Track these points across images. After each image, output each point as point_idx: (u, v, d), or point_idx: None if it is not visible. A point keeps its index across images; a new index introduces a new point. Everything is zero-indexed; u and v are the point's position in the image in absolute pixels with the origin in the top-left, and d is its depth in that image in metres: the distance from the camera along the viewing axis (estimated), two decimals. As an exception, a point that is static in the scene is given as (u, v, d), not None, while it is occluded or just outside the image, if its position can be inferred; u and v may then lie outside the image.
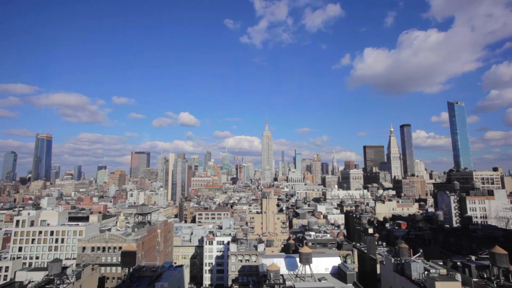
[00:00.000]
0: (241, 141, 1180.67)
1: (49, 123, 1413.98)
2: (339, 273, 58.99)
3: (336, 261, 62.03)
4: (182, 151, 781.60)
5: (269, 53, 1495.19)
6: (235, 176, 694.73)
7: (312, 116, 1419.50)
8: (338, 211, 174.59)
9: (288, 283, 52.58)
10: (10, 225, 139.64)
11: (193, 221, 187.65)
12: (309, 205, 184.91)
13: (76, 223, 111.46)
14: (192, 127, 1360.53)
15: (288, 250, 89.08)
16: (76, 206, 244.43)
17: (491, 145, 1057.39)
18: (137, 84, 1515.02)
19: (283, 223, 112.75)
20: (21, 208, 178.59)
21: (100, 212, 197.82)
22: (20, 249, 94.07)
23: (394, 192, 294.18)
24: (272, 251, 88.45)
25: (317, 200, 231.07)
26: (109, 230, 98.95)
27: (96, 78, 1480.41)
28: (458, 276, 44.11)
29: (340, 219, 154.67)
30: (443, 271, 46.70)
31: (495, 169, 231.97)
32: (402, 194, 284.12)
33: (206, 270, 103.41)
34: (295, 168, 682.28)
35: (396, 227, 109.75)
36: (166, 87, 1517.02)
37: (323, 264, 60.81)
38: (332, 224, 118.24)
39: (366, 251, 75.26)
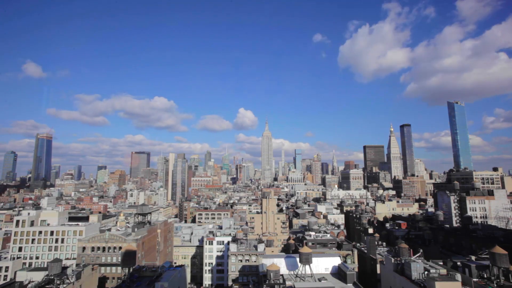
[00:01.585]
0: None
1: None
2: (339, 273, 58.99)
3: (336, 261, 62.02)
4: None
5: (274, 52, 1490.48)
6: (235, 176, 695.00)
7: (313, 116, 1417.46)
8: (338, 211, 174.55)
9: (288, 283, 52.58)
10: (10, 225, 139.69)
11: (193, 221, 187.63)
12: (309, 205, 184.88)
13: (76, 223, 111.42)
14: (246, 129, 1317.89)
15: (288, 250, 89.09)
16: (76, 206, 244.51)
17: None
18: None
19: (283, 223, 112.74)
20: (21, 208, 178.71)
21: (100, 212, 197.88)
22: (20, 249, 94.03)
23: (394, 192, 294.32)
24: (272, 251, 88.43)
25: (317, 200, 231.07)
26: (109, 230, 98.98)
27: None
28: (458, 276, 44.12)
29: (340, 219, 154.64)
30: (443, 271, 46.71)
31: (495, 169, 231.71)
32: (402, 194, 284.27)
33: (206, 270, 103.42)
34: (295, 168, 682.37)
35: (396, 227, 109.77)
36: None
37: (323, 264, 60.81)
38: (332, 224, 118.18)
39: (366, 251, 75.29)
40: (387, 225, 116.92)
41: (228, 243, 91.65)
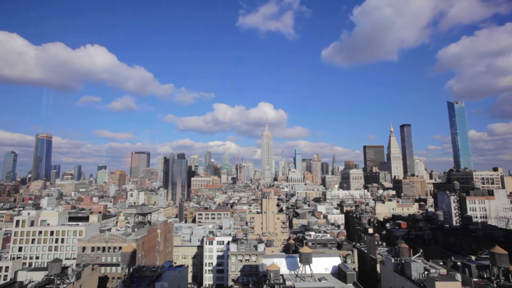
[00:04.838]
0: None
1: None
2: (339, 273, 59.01)
3: (336, 261, 62.05)
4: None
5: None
6: (235, 176, 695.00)
7: (313, 116, 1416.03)
8: (338, 211, 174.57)
9: (288, 283, 52.60)
10: (10, 225, 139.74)
11: (193, 221, 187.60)
12: (309, 205, 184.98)
13: (76, 223, 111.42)
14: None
15: (288, 250, 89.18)
16: (76, 206, 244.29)
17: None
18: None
19: (283, 223, 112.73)
20: (21, 208, 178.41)
21: (100, 212, 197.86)
22: (20, 249, 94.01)
23: (394, 192, 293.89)
24: (272, 251, 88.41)
25: (317, 200, 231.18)
26: (109, 230, 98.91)
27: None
28: (458, 276, 44.14)
29: (340, 219, 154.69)
30: (443, 271, 46.73)
31: (495, 169, 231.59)
32: (402, 194, 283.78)
33: (206, 270, 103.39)
34: (295, 168, 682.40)
35: (396, 227, 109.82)
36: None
37: (323, 264, 60.84)
38: (332, 224, 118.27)
39: (366, 251, 75.36)
40: (387, 225, 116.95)
41: (228, 243, 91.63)
